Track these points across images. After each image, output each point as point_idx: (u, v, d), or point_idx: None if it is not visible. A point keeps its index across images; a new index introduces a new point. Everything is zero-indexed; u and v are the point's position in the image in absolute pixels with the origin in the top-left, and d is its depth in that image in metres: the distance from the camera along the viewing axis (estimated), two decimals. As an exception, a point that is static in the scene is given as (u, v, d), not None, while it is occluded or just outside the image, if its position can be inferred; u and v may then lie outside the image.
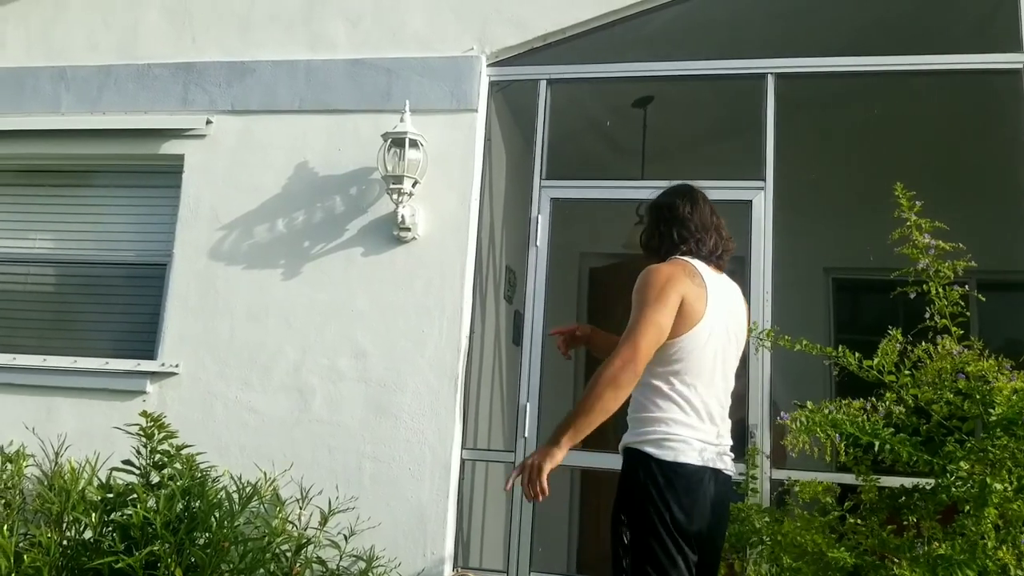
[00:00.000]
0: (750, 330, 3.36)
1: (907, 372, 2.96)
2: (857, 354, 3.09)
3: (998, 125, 4.48)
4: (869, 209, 3.32)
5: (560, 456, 2.48)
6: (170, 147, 4.92)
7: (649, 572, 2.46)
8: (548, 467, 2.46)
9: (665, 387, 2.58)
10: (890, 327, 2.98)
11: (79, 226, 5.15)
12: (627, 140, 5.92)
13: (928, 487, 2.93)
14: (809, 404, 2.90)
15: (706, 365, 2.61)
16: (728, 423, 2.71)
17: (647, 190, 3.11)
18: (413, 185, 4.39)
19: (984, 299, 3.15)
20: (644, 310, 2.53)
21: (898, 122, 5.26)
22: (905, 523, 3.03)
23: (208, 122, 4.86)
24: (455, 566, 4.29)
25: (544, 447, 2.51)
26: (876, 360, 3.00)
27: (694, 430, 2.57)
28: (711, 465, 2.57)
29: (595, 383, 2.45)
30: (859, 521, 3.08)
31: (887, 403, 2.89)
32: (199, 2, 5.09)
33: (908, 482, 3.08)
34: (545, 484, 2.47)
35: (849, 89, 5.04)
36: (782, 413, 2.87)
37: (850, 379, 3.15)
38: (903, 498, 3.01)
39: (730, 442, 2.71)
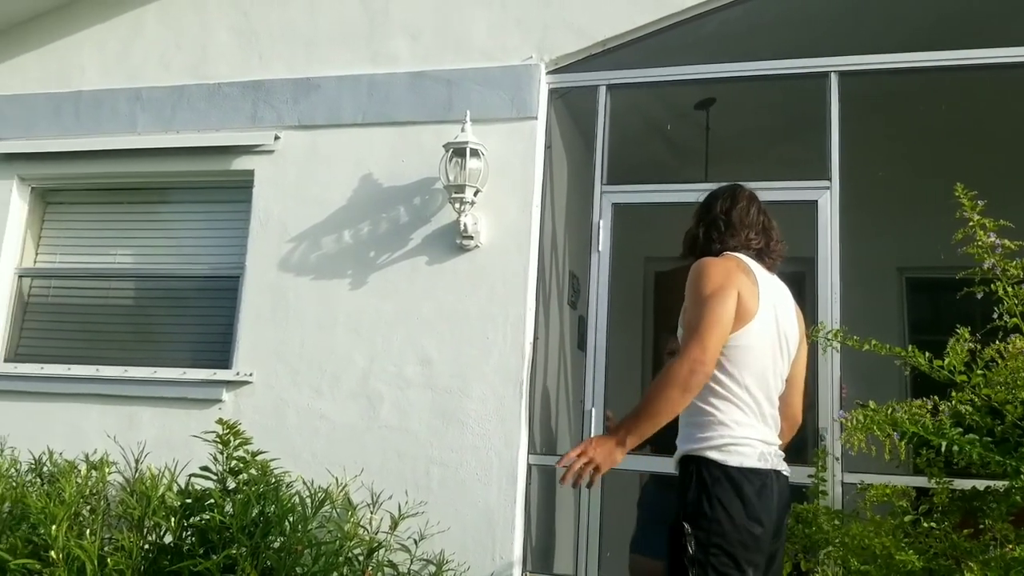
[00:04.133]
0: (815, 331, 3.32)
1: (979, 372, 2.89)
2: (928, 354, 3.03)
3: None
4: (942, 207, 3.24)
5: (620, 458, 2.42)
6: (241, 163, 5.07)
7: None
8: (606, 468, 2.41)
9: (721, 388, 2.52)
10: (958, 326, 2.91)
11: (156, 241, 5.34)
12: (689, 143, 5.89)
13: (1001, 489, 2.86)
14: (871, 404, 2.84)
15: (760, 364, 2.55)
16: (780, 424, 2.66)
17: (710, 193, 3.09)
18: (475, 194, 4.44)
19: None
20: (705, 305, 2.45)
21: (970, 116, 5.13)
22: (980, 526, 2.95)
23: (276, 138, 4.99)
24: (524, 570, 4.31)
25: (606, 445, 2.41)
26: (946, 360, 2.94)
27: (755, 430, 2.51)
28: (774, 467, 2.53)
29: (663, 384, 2.36)
30: (932, 524, 3.02)
31: (953, 402, 2.82)
32: (266, 22, 5.24)
33: (982, 485, 3.01)
34: (595, 480, 2.42)
35: (916, 85, 4.93)
36: (840, 411, 2.83)
37: (925, 381, 3.09)
38: (976, 501, 2.94)
39: (780, 441, 2.65)
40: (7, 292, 5.40)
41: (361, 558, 3.86)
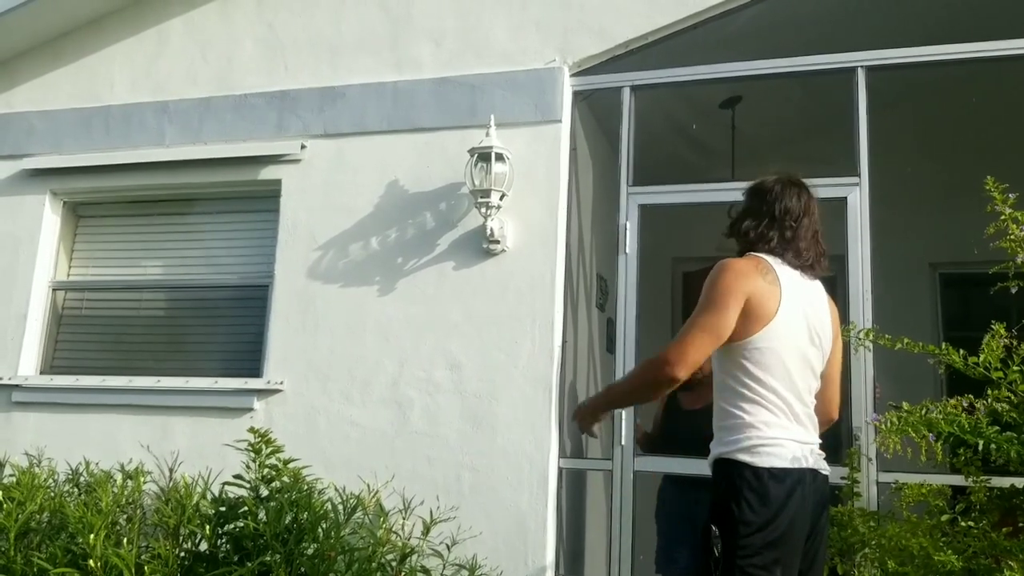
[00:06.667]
0: (846, 330, 3.28)
1: (1015, 368, 2.85)
2: (962, 351, 2.99)
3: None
4: (974, 201, 3.20)
5: (595, 420, 2.80)
6: (268, 172, 5.10)
7: None
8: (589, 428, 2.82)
9: (747, 391, 2.52)
10: (993, 322, 2.87)
11: (186, 252, 5.40)
12: (715, 142, 5.85)
13: (1042, 487, 2.81)
14: (905, 405, 2.81)
15: (785, 365, 2.53)
16: (816, 423, 2.63)
17: (738, 192, 3.06)
18: (500, 198, 4.44)
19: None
20: (703, 314, 2.51)
21: (1001, 108, 5.05)
22: (1020, 524, 2.91)
23: (302, 147, 5.02)
24: (557, 574, 4.30)
25: (586, 411, 2.83)
26: (982, 357, 2.89)
27: (786, 430, 2.50)
28: (809, 466, 2.50)
29: (637, 376, 2.57)
30: (970, 523, 2.97)
31: (989, 401, 2.77)
32: (290, 32, 5.28)
33: (1021, 482, 2.96)
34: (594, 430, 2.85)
35: (945, 78, 4.86)
36: (874, 414, 2.79)
37: (960, 377, 3.04)
38: (1015, 499, 2.89)
39: (819, 441, 2.63)
40: (42, 305, 5.48)
41: (394, 564, 3.86)
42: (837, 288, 4.16)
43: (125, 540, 3.58)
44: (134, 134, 5.45)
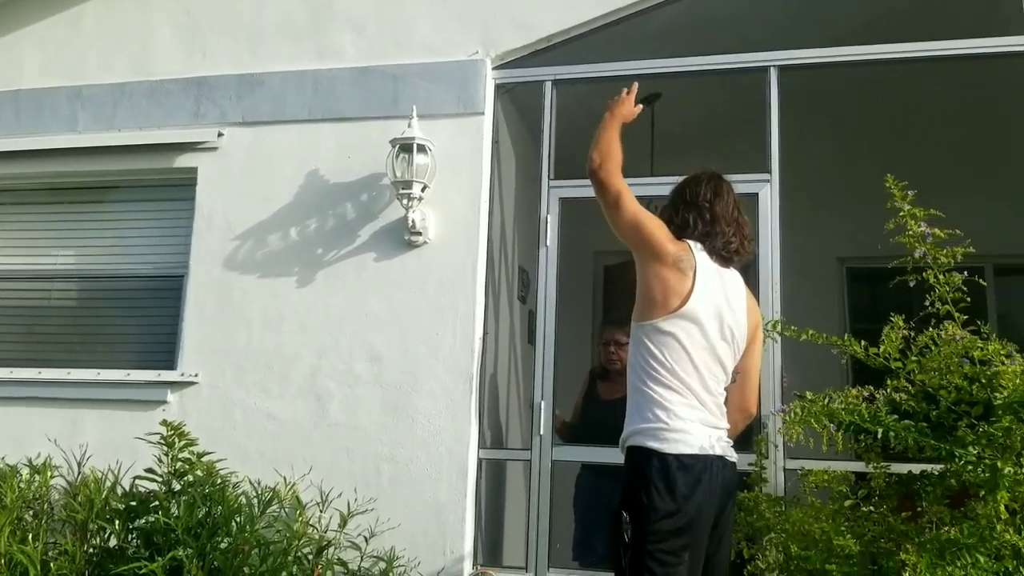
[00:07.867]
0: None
1: (914, 359, 2.97)
2: (863, 342, 3.11)
3: (1015, 110, 4.46)
4: (881, 198, 3.33)
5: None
6: (183, 160, 5.00)
7: (652, 570, 2.42)
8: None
9: (652, 371, 2.58)
10: (892, 314, 2.99)
11: (98, 241, 5.25)
12: (635, 137, 5.92)
13: (937, 472, 2.94)
14: (808, 394, 2.91)
15: (689, 353, 2.59)
16: (724, 412, 2.70)
17: (657, 187, 3.14)
18: (422, 190, 4.44)
19: (986, 284, 3.15)
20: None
21: (911, 108, 5.24)
22: (918, 509, 3.04)
23: (220, 134, 4.93)
24: (475, 564, 4.33)
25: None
26: (882, 347, 3.01)
27: (692, 411, 2.55)
28: (716, 452, 2.55)
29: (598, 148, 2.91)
30: (871, 508, 3.09)
31: (888, 390, 2.90)
32: (209, 17, 5.18)
33: (918, 469, 3.09)
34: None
35: (855, 79, 5.02)
36: (779, 405, 2.89)
37: (865, 368, 3.16)
38: (913, 484, 3.02)
39: (727, 427, 2.70)
40: (-53, 294, 5.29)
41: (311, 557, 3.85)
42: (748, 281, 4.27)
43: (31, 536, 3.50)
44: (45, 120, 5.28)
